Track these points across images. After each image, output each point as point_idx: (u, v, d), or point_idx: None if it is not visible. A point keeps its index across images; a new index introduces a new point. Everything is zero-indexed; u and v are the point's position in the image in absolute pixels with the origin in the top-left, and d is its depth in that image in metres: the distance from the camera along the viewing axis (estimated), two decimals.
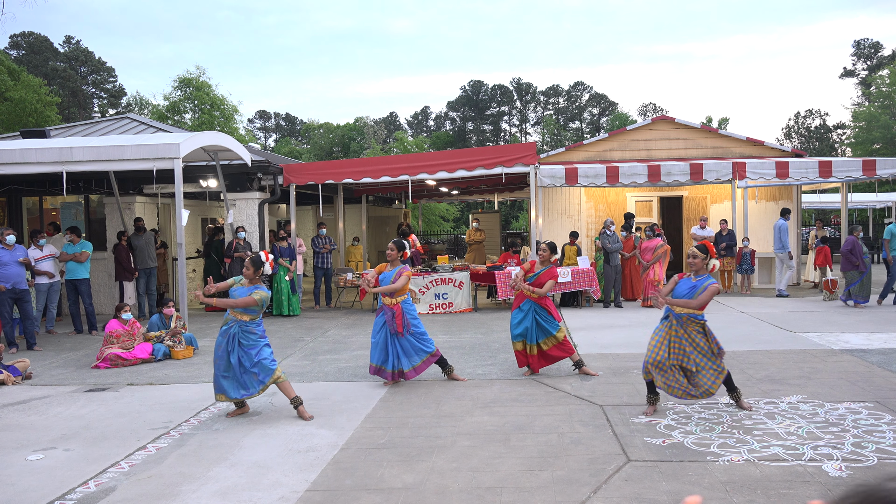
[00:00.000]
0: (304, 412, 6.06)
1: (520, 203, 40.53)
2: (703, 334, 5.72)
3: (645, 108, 69.87)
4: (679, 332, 5.71)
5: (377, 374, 7.17)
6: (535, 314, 7.32)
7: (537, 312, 7.33)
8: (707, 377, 5.68)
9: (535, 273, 7.40)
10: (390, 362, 7.08)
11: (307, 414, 6.06)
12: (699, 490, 4.25)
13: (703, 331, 5.73)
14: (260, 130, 77.59)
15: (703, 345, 5.69)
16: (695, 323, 5.71)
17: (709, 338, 5.73)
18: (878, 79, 42.78)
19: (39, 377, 8.13)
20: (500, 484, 4.45)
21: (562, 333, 7.36)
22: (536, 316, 7.32)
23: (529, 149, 13.28)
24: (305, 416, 6.03)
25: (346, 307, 14.31)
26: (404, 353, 7.13)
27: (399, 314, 7.05)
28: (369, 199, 21.01)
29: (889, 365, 7.47)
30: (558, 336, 7.31)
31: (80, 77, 54.41)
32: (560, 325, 7.41)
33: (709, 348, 5.70)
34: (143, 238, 12.89)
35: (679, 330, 5.71)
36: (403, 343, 7.12)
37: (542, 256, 7.45)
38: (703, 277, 5.75)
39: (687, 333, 5.70)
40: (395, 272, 7.18)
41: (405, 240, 7.82)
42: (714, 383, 5.68)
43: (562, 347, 7.34)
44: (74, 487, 4.62)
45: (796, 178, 13.63)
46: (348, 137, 51.62)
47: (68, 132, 15.03)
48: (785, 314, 11.34)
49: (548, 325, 7.31)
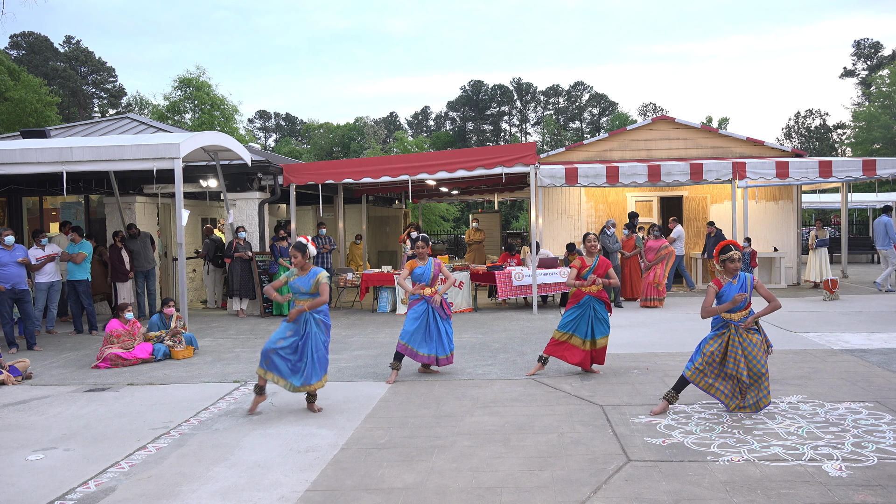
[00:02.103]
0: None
1: (520, 203, 40.54)
2: (758, 332, 5.76)
3: (645, 108, 69.90)
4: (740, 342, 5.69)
5: (413, 357, 7.44)
6: (594, 309, 7.36)
7: (595, 308, 7.37)
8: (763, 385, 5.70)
9: (591, 267, 7.39)
10: (434, 347, 7.44)
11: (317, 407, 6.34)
12: (699, 490, 4.25)
13: (757, 328, 5.76)
14: (260, 130, 77.63)
15: (759, 345, 5.71)
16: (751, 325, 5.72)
17: (762, 333, 5.78)
18: (878, 79, 42.79)
19: (39, 377, 8.13)
20: (500, 484, 4.45)
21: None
22: (594, 312, 7.36)
23: (529, 149, 13.27)
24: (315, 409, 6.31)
25: (346, 307, 14.30)
26: (448, 339, 7.53)
27: (444, 302, 7.64)
28: (369, 199, 21.01)
29: (889, 365, 7.47)
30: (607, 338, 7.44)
31: (80, 77, 54.43)
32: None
33: (763, 345, 5.73)
34: (138, 241, 12.89)
35: (738, 340, 5.69)
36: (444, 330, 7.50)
37: (590, 248, 7.49)
38: (741, 275, 5.78)
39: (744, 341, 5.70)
40: (433, 265, 7.59)
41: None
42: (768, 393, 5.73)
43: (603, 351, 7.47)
44: (74, 487, 4.62)
45: (796, 178, 13.63)
46: (348, 137, 51.63)
47: (68, 132, 15.04)
48: (785, 314, 11.34)
49: (604, 324, 7.39)
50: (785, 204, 16.08)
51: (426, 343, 7.43)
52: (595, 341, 7.35)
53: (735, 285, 5.74)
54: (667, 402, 5.87)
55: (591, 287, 7.31)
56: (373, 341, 9.88)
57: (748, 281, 5.75)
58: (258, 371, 6.22)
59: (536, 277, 12.50)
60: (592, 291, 7.33)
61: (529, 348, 8.98)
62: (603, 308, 7.38)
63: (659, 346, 8.89)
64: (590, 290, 7.32)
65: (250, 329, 11.54)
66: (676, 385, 5.88)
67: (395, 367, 7.43)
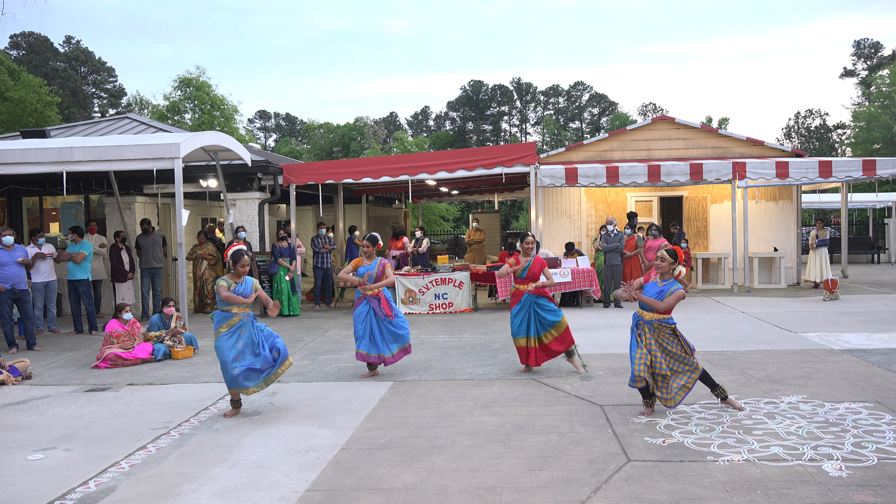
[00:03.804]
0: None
1: (520, 203, 40.53)
2: (675, 337, 5.77)
3: (645, 108, 69.90)
4: (650, 338, 5.74)
5: (363, 359, 7.58)
6: (535, 305, 7.43)
7: (536, 304, 7.43)
8: (680, 379, 5.73)
9: (525, 266, 7.48)
10: (377, 348, 7.51)
11: None
12: (699, 490, 4.25)
13: (674, 334, 5.77)
14: (260, 130, 77.62)
15: (676, 350, 5.74)
16: (665, 327, 5.74)
17: (680, 340, 5.79)
18: (878, 79, 42.78)
19: (39, 377, 8.13)
20: (500, 484, 4.45)
21: (565, 321, 7.47)
22: (536, 308, 7.43)
23: (529, 149, 13.28)
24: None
25: (346, 307, 14.30)
26: (392, 339, 7.57)
27: (384, 300, 7.60)
28: (369, 199, 21.01)
29: (889, 365, 7.47)
30: (563, 323, 7.42)
31: (80, 77, 54.42)
32: (562, 313, 7.52)
33: (682, 350, 5.76)
34: (150, 238, 12.90)
35: (650, 337, 5.75)
36: (386, 329, 7.55)
37: (526, 248, 7.55)
38: (670, 283, 5.79)
39: (657, 340, 5.74)
40: (377, 265, 7.62)
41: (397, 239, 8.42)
42: (687, 383, 5.72)
43: (562, 340, 7.43)
44: (74, 487, 4.62)
45: (796, 178, 13.63)
46: (348, 137, 51.61)
47: (68, 132, 15.03)
48: (785, 314, 11.34)
49: (549, 314, 7.40)
50: (785, 204, 16.08)
51: (373, 345, 7.54)
52: (540, 337, 7.42)
53: (657, 287, 5.77)
54: (648, 407, 5.90)
55: (529, 285, 7.43)
56: None
57: (667, 290, 5.71)
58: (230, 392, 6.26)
59: None
60: (530, 289, 7.43)
61: None
62: (545, 301, 7.47)
63: None
64: (527, 288, 7.43)
65: None
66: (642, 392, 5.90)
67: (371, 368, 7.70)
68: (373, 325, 7.55)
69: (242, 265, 6.26)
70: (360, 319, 7.59)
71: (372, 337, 7.53)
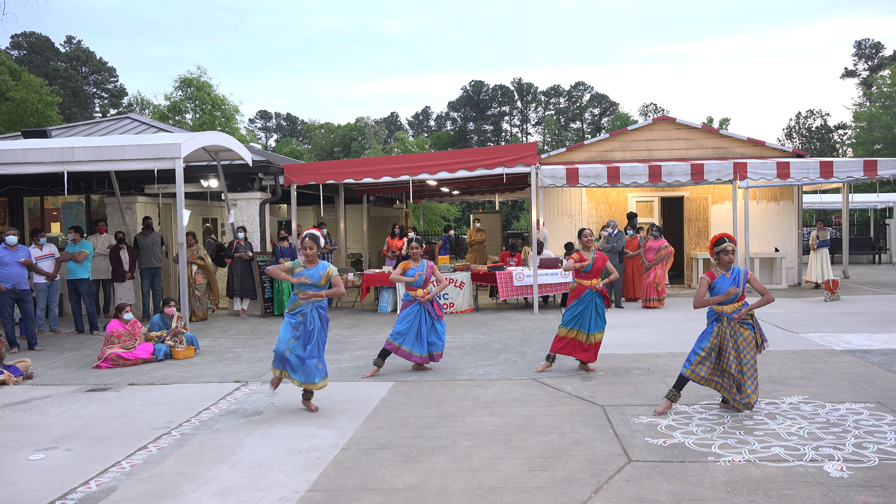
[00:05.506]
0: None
1: (521, 203, 40.54)
2: (752, 327, 5.79)
3: (646, 108, 69.89)
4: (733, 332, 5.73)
5: (406, 357, 7.59)
6: (595, 304, 7.44)
7: (596, 303, 7.45)
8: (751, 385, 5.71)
9: (591, 262, 7.45)
10: (424, 346, 7.59)
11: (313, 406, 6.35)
12: (700, 490, 4.25)
13: (751, 323, 5.79)
14: (261, 130, 77.65)
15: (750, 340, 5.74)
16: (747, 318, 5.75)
17: (756, 331, 5.81)
18: (879, 79, 42.76)
19: (40, 377, 8.14)
20: (500, 484, 4.45)
21: (603, 335, 7.55)
22: (595, 306, 7.43)
23: (530, 149, 13.27)
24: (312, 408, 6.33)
25: (346, 307, 14.30)
26: (440, 336, 7.69)
27: (435, 301, 7.77)
28: (370, 200, 21.01)
29: (890, 365, 7.46)
30: (601, 336, 7.48)
31: (81, 77, 54.48)
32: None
33: (754, 341, 5.77)
34: (149, 238, 12.90)
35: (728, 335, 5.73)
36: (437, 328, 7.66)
37: (585, 242, 7.54)
38: (733, 268, 5.83)
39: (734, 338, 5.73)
40: (426, 267, 7.69)
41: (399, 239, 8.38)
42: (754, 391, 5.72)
43: (593, 352, 7.48)
44: (75, 487, 4.62)
45: (797, 178, 13.62)
46: (349, 137, 51.64)
47: (69, 132, 15.04)
48: (786, 314, 11.34)
49: (601, 321, 7.45)
50: (786, 204, 16.07)
51: (418, 344, 7.59)
52: (590, 336, 7.43)
53: (728, 278, 5.81)
54: (669, 402, 5.87)
55: (594, 281, 7.43)
56: (374, 341, 9.88)
57: (741, 275, 5.82)
58: (273, 370, 6.32)
59: (537, 278, 12.50)
60: (595, 286, 7.42)
61: (530, 348, 8.98)
62: (603, 303, 7.49)
63: (660, 347, 8.89)
64: (591, 284, 7.42)
65: (251, 329, 11.55)
66: (677, 383, 5.89)
67: (377, 364, 7.65)
68: (420, 325, 7.59)
69: (306, 248, 6.24)
70: (405, 319, 7.59)
71: (419, 336, 7.57)
